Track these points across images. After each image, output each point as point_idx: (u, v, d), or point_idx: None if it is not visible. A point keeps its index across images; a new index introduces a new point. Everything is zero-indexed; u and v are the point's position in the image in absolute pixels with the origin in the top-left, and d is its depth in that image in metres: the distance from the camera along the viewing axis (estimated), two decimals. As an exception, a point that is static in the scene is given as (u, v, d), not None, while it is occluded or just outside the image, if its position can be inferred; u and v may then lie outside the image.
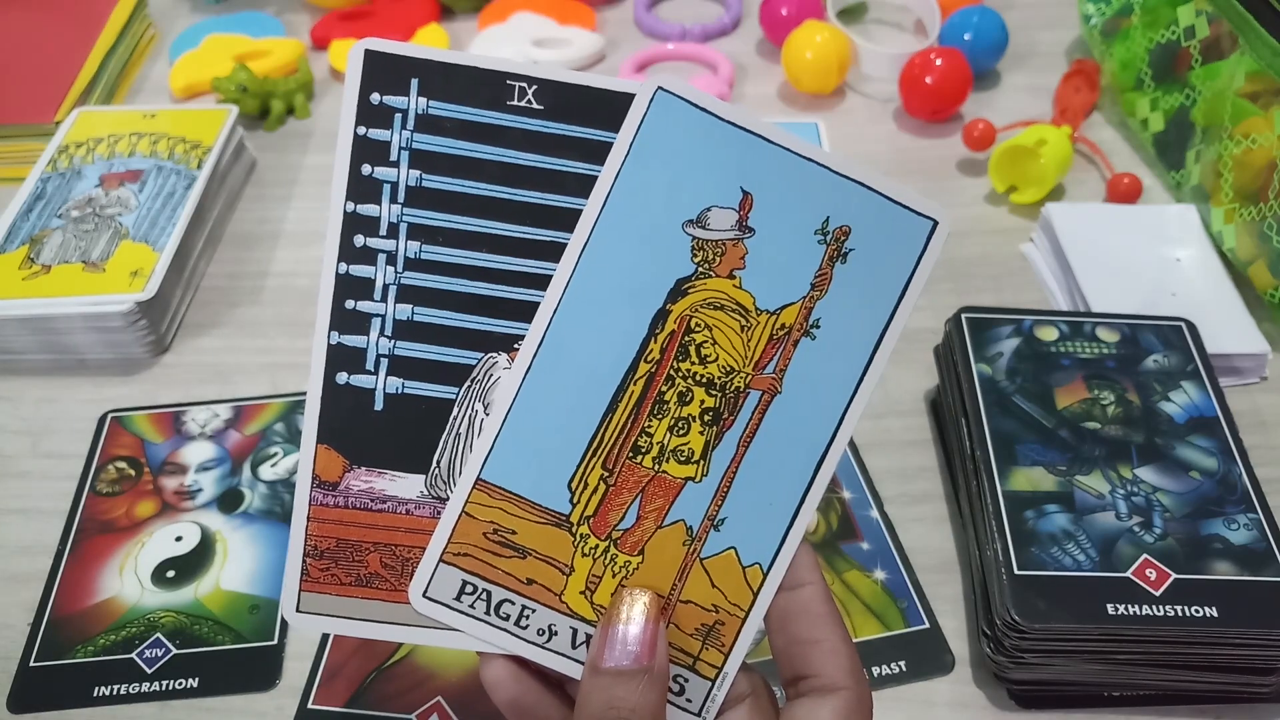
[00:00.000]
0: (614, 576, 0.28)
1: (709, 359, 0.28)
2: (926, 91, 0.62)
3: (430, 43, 0.70)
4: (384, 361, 0.28)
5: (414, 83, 0.28)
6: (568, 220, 0.28)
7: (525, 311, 0.28)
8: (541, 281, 0.28)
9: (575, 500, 0.28)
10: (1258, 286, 0.51)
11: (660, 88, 0.28)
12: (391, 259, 0.28)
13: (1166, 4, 0.59)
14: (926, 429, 0.48)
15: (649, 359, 0.28)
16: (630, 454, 0.28)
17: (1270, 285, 0.50)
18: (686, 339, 0.28)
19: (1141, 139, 0.61)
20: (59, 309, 0.49)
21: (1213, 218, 0.54)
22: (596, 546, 0.28)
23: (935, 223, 0.29)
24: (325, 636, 0.40)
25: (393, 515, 0.28)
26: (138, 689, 0.39)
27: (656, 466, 0.28)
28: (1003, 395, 0.43)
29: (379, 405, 0.28)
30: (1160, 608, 0.36)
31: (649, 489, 0.28)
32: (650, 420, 0.28)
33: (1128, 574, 0.37)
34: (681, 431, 0.28)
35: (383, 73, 0.28)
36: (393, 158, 0.28)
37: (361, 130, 0.28)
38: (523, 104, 0.28)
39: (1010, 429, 0.42)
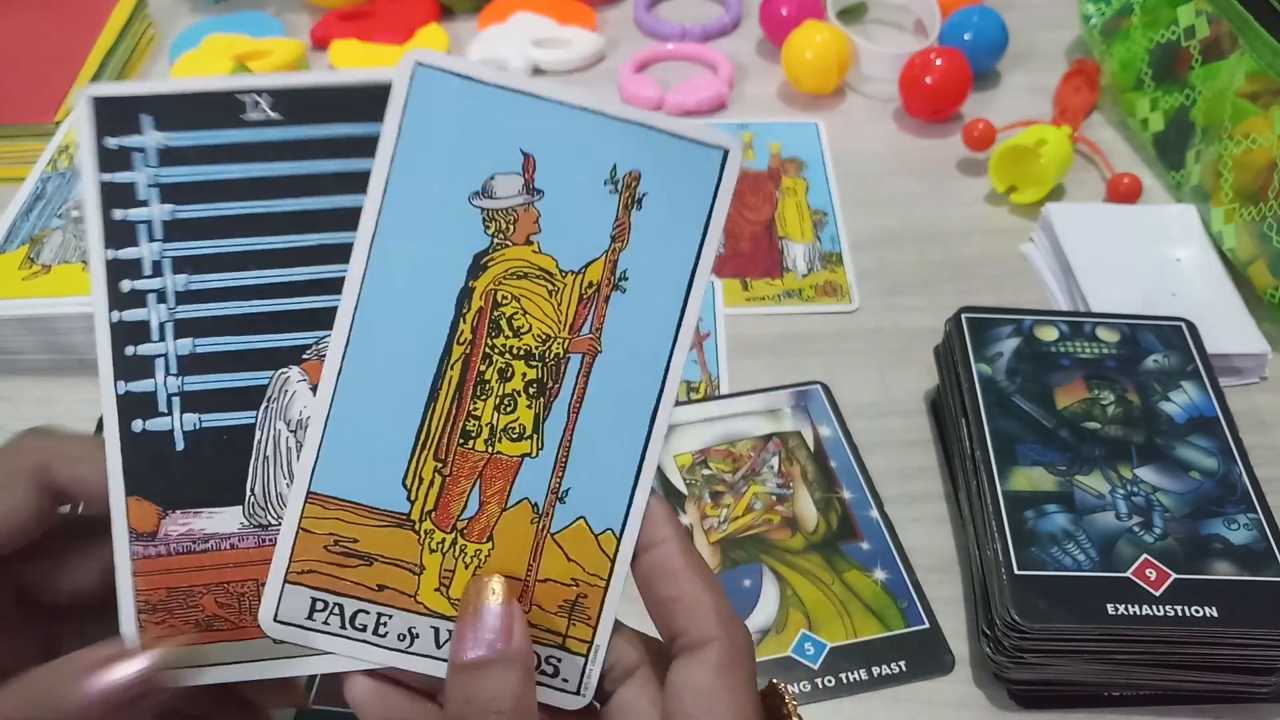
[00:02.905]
0: (466, 567, 0.28)
1: (522, 330, 0.28)
2: (926, 91, 0.62)
3: (430, 42, 0.70)
4: (176, 400, 0.28)
5: (147, 120, 0.28)
6: (332, 220, 0.28)
7: (308, 320, 0.28)
8: (319, 287, 0.28)
9: (412, 497, 0.27)
10: (1258, 286, 0.51)
11: (418, 62, 0.27)
12: (161, 297, 0.28)
13: (1166, 4, 0.59)
14: (926, 429, 0.48)
15: (461, 340, 0.27)
16: (461, 440, 0.28)
17: (1270, 285, 0.50)
18: (495, 314, 0.27)
19: (1141, 139, 0.61)
20: (59, 309, 0.49)
21: (1213, 218, 0.54)
22: (443, 540, 0.28)
23: (726, 150, 0.27)
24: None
25: (218, 553, 0.28)
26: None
27: (490, 448, 0.28)
28: (1003, 395, 0.43)
29: (180, 445, 0.28)
30: (1160, 608, 0.36)
31: (486, 472, 0.28)
32: (475, 403, 0.28)
33: (1128, 574, 0.37)
34: (509, 409, 0.28)
35: (114, 116, 0.28)
36: (141, 197, 0.28)
37: (106, 177, 0.28)
38: (259, 116, 0.28)
39: (1010, 429, 0.42)
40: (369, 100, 0.28)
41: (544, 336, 0.28)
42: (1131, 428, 0.42)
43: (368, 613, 0.27)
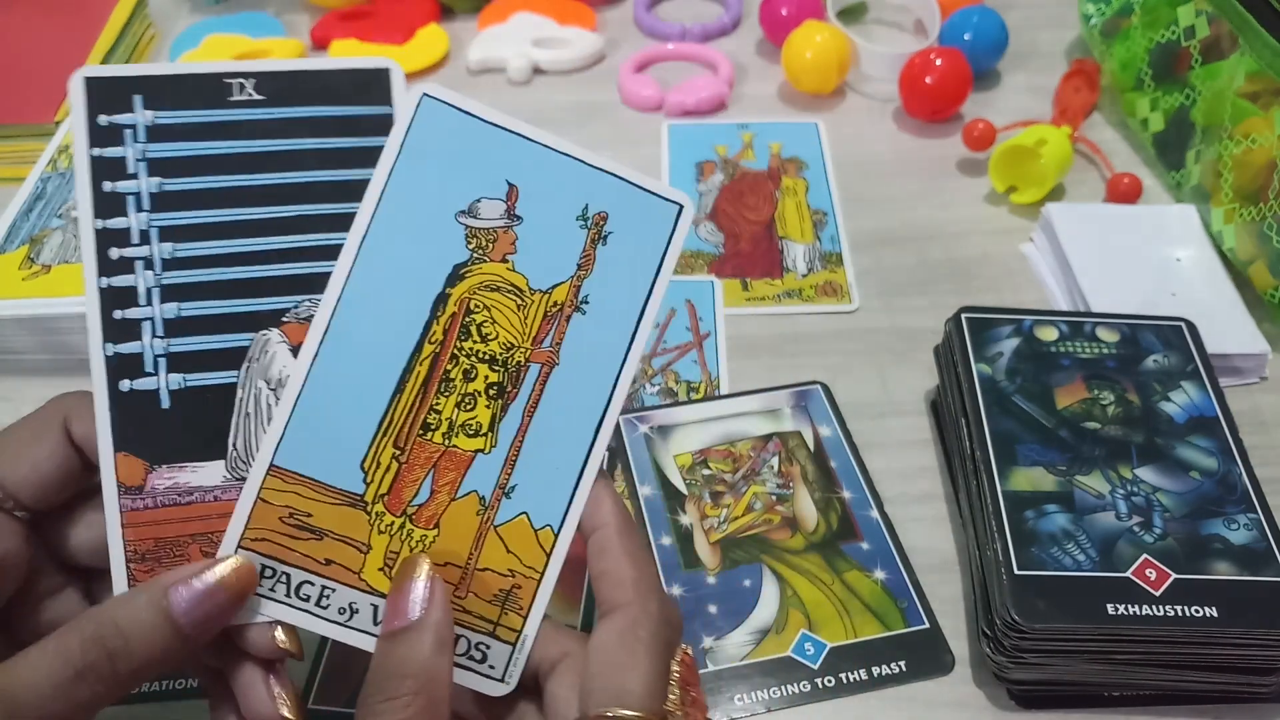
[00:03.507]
0: (411, 551, 0.29)
1: (489, 337, 0.30)
2: (926, 91, 0.62)
3: (430, 43, 0.70)
4: (162, 361, 0.30)
5: (138, 99, 0.30)
6: (308, 193, 0.30)
7: (287, 285, 0.30)
8: (298, 254, 0.30)
9: (369, 480, 0.29)
10: (1257, 286, 0.51)
11: (425, 93, 0.30)
12: (149, 264, 0.30)
13: (1166, 4, 0.59)
14: (926, 429, 0.48)
15: (433, 340, 0.30)
16: (420, 431, 0.30)
17: (1270, 285, 0.50)
18: (467, 319, 0.30)
19: (1141, 139, 0.61)
20: (59, 309, 0.49)
21: (1213, 218, 0.54)
22: (393, 523, 0.29)
23: (681, 206, 0.31)
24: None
25: (203, 504, 0.29)
26: (138, 689, 0.39)
27: (446, 441, 0.30)
28: (1003, 395, 0.43)
29: (165, 404, 0.29)
30: (1160, 608, 0.36)
31: (440, 463, 0.30)
32: (438, 398, 0.30)
33: (1127, 574, 0.37)
34: (468, 407, 0.30)
35: (106, 95, 0.30)
36: (131, 170, 0.30)
37: (96, 151, 0.30)
38: (244, 97, 0.30)
39: (1010, 429, 0.42)
40: (345, 84, 0.31)
41: (508, 345, 0.30)
42: (1131, 428, 0.42)
43: (313, 584, 0.29)
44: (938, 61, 0.62)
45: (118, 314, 0.30)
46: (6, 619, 0.29)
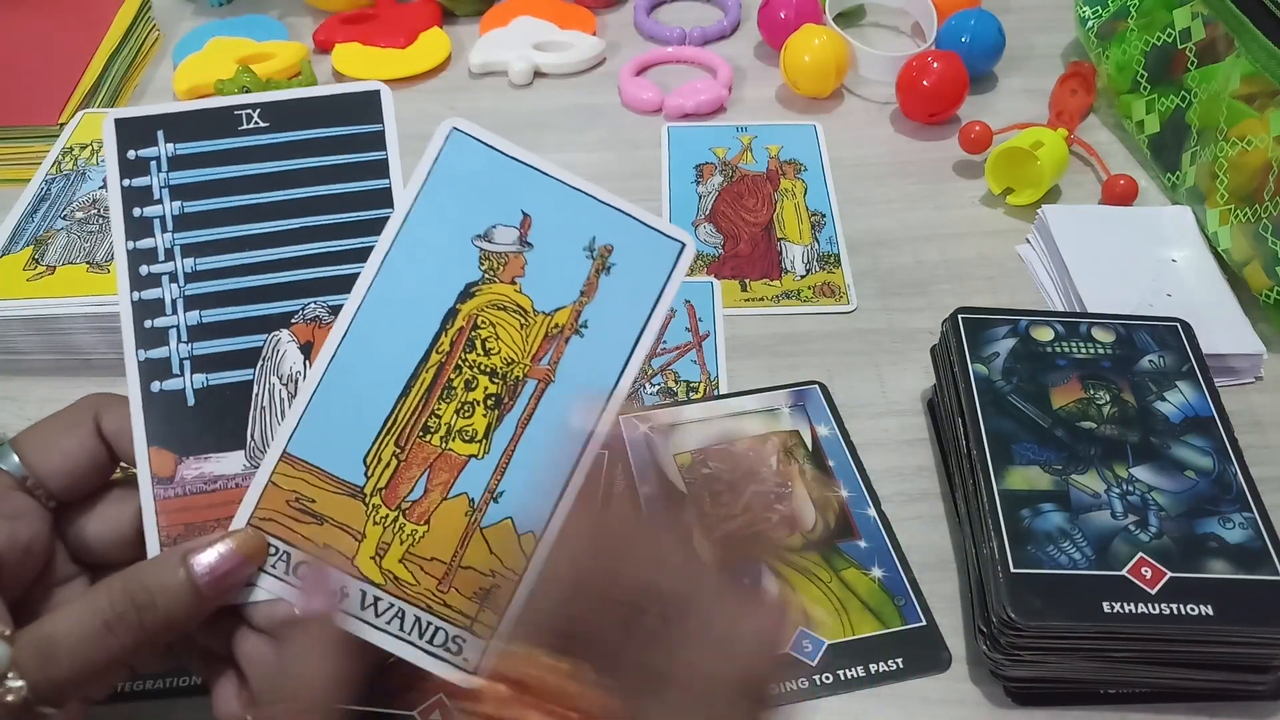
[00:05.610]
0: (401, 544, 0.31)
1: (493, 351, 0.32)
2: (924, 94, 0.63)
3: (432, 47, 0.70)
4: (187, 363, 0.33)
5: (160, 134, 0.34)
6: (311, 206, 0.34)
7: (295, 290, 0.33)
8: (303, 262, 0.33)
9: (369, 473, 0.32)
10: (1252, 287, 0.52)
11: (455, 128, 0.33)
12: (173, 278, 0.33)
13: (1163, 7, 0.59)
14: (924, 428, 0.48)
15: (440, 350, 0.32)
16: (420, 433, 0.32)
17: (1265, 286, 0.51)
18: (473, 334, 0.32)
19: (1137, 141, 0.62)
20: (63, 309, 0.49)
21: (1208, 219, 0.54)
22: (387, 516, 0.31)
23: (683, 245, 0.33)
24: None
25: (226, 491, 0.32)
26: (142, 686, 0.39)
27: (444, 444, 0.32)
28: (999, 395, 0.43)
29: (191, 401, 0.32)
30: (1155, 606, 0.36)
31: (436, 464, 0.32)
32: (439, 404, 0.32)
33: (1123, 572, 0.37)
34: (467, 414, 0.32)
35: (133, 133, 0.34)
36: (156, 197, 0.33)
37: (126, 182, 0.33)
38: (251, 126, 0.34)
39: (1006, 428, 0.42)
40: (340, 107, 0.34)
41: (509, 360, 0.32)
42: (1127, 427, 0.42)
43: (309, 565, 0.31)
44: (935, 64, 0.62)
45: (148, 323, 0.33)
46: (20, 603, 0.30)
